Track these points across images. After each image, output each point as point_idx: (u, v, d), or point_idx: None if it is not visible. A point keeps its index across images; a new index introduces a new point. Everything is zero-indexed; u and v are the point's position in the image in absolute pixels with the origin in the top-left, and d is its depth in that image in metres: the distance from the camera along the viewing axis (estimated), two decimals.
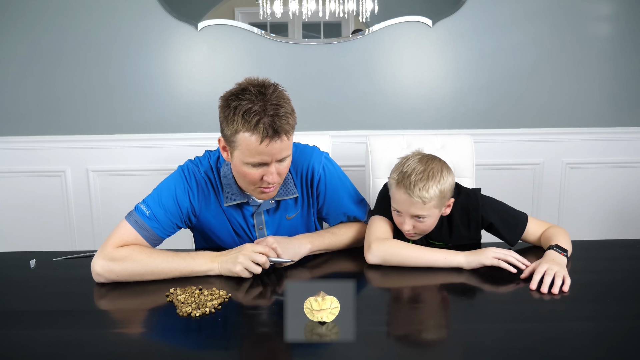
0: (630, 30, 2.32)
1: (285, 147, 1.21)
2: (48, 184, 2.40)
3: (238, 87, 1.21)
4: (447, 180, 1.31)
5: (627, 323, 1.03)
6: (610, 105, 2.39)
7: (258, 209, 1.38)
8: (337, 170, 1.45)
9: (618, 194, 2.46)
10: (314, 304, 1.02)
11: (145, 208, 1.30)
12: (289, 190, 1.38)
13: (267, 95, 1.18)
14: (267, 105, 1.16)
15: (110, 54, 2.30)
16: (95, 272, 1.23)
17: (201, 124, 2.36)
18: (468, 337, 1.00)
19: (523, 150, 2.39)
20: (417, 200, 1.28)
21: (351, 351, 0.95)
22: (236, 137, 1.19)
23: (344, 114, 2.36)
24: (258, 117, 1.15)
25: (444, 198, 1.32)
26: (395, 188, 1.32)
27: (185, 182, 1.34)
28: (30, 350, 0.96)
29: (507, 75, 2.34)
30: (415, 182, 1.27)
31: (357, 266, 1.34)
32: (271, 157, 1.20)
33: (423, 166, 1.30)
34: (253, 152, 1.19)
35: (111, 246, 1.25)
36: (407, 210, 1.31)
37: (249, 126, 1.15)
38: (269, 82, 1.22)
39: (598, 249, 1.46)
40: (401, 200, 1.31)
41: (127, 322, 1.07)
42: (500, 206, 1.43)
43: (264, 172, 1.23)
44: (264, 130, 1.15)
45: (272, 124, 1.15)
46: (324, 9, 2.25)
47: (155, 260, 1.23)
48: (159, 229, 1.30)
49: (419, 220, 1.32)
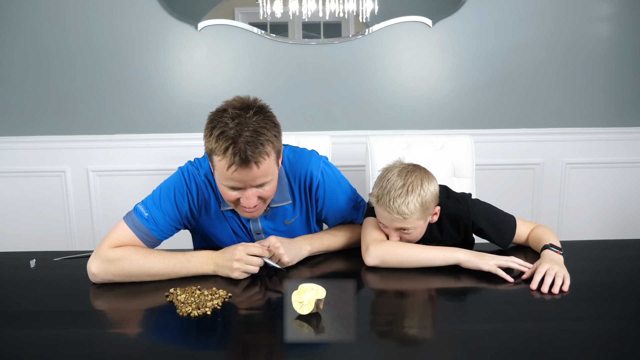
0: (630, 30, 2.32)
1: (260, 174, 1.16)
2: (48, 184, 2.40)
3: (223, 105, 1.19)
4: (428, 191, 1.29)
5: (627, 323, 1.03)
6: (610, 105, 2.39)
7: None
8: (335, 174, 1.43)
9: (618, 194, 2.46)
10: (296, 297, 1.05)
11: (143, 210, 1.29)
12: (283, 197, 1.36)
13: (246, 119, 1.13)
14: (243, 131, 1.12)
15: (110, 54, 2.30)
16: (91, 272, 1.23)
17: (201, 124, 2.33)
18: (468, 337, 1.00)
19: (523, 150, 2.39)
20: (397, 217, 1.27)
21: (351, 351, 0.95)
22: (211, 156, 1.18)
23: (344, 114, 2.36)
24: (229, 141, 1.11)
25: (427, 209, 1.30)
26: (376, 205, 1.31)
27: (185, 185, 1.32)
28: (30, 350, 0.96)
29: (507, 75, 2.34)
30: (394, 199, 1.26)
31: (357, 266, 1.34)
32: (243, 183, 1.17)
33: (402, 180, 1.28)
34: (225, 176, 1.16)
35: (107, 247, 1.24)
36: (390, 224, 1.31)
37: (219, 150, 1.13)
38: (254, 103, 1.18)
39: (598, 249, 1.46)
40: (383, 216, 1.31)
41: (127, 322, 1.07)
42: (490, 211, 1.41)
43: (240, 195, 1.20)
44: (231, 157, 1.11)
45: (241, 152, 1.11)
46: (324, 9, 2.25)
47: (151, 261, 1.23)
48: (157, 231, 1.29)
49: (405, 232, 1.31)
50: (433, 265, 1.29)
